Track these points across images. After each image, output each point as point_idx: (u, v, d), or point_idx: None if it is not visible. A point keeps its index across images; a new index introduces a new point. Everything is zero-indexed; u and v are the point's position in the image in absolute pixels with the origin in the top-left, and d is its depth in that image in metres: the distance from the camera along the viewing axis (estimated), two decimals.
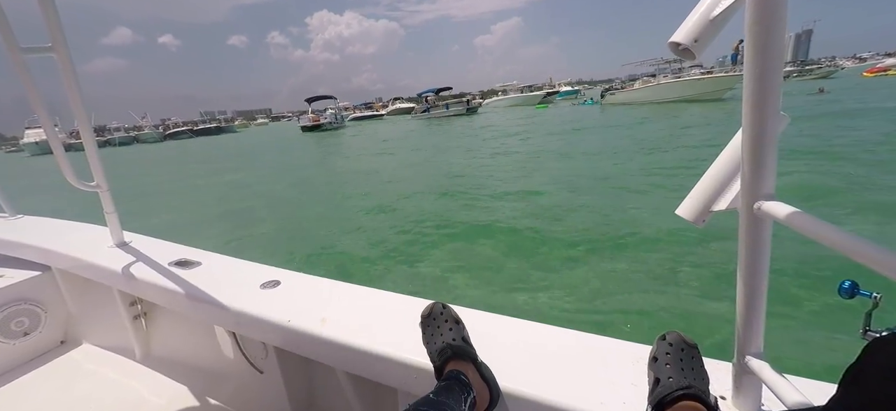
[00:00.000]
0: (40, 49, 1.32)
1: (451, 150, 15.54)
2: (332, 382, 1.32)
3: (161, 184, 14.46)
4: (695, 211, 0.68)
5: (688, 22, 0.56)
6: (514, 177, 9.03)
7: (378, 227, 6.25)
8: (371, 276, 4.47)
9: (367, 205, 7.66)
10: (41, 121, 1.39)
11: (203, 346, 1.65)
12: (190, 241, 1.79)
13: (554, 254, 4.52)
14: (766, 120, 0.53)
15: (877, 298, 0.69)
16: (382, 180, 10.56)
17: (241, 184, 12.33)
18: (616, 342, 0.93)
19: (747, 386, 0.69)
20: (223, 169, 16.83)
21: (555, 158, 11.42)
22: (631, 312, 3.18)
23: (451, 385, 0.77)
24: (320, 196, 9.79)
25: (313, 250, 5.56)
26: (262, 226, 7.11)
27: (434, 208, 6.95)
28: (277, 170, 15.51)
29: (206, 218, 8.28)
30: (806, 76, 58.76)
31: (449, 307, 0.96)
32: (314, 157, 19.18)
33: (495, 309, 1.09)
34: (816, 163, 7.32)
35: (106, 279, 1.67)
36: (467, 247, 5.07)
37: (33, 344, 1.91)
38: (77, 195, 1.73)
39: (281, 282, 1.35)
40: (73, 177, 1.50)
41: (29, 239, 1.98)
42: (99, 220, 1.87)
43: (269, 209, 8.42)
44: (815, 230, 0.49)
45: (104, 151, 18.94)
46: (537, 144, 14.63)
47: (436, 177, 10.08)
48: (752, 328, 0.65)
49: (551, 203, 6.60)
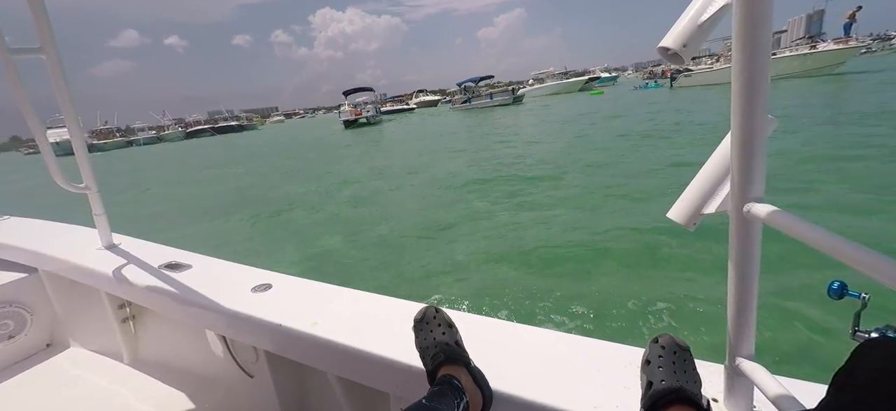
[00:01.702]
0: (29, 50, 1.37)
1: (557, 141, 12.71)
2: (323, 387, 1.34)
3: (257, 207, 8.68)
4: (685, 214, 0.69)
5: (676, 27, 0.59)
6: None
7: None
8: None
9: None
10: (28, 123, 1.42)
11: (193, 350, 1.67)
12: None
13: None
14: (755, 123, 0.55)
15: (865, 299, 0.71)
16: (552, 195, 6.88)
17: (360, 199, 8.31)
18: (609, 345, 0.95)
19: (739, 387, 0.71)
20: (306, 173, 12.76)
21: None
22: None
23: (443, 389, 0.79)
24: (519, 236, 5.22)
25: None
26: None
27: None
28: (383, 176, 10.90)
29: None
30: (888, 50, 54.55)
31: (442, 311, 0.97)
32: (399, 160, 13.94)
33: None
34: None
35: (94, 281, 1.68)
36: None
37: (18, 347, 1.92)
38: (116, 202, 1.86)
39: (272, 285, 1.36)
40: (61, 178, 1.52)
41: (15, 240, 2.00)
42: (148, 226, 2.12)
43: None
44: (803, 232, 0.51)
45: (130, 151, 18.95)
46: (689, 140, 10.54)
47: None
48: (743, 330, 0.66)
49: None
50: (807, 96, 16.57)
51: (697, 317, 3.04)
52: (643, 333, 2.90)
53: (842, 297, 0.72)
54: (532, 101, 45.41)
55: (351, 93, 43.69)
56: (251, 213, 7.75)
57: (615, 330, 2.99)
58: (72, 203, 2.00)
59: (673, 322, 2.97)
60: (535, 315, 3.29)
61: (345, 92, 43.66)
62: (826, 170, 6.10)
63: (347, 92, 43.73)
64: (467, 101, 46.69)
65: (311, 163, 15.31)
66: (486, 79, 52.01)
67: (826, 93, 17.15)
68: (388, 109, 60.48)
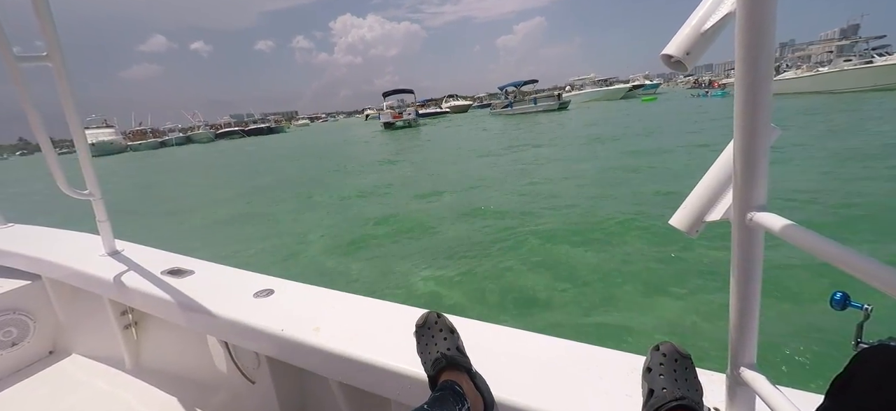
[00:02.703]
0: (36, 58, 1.45)
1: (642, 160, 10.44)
2: (324, 392, 1.38)
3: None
4: (688, 221, 0.71)
5: (679, 35, 0.61)
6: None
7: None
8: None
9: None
10: (33, 129, 1.47)
11: (195, 356, 1.73)
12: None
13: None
14: (757, 131, 0.56)
15: (868, 310, 0.73)
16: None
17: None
18: (611, 352, 0.98)
19: (741, 397, 0.73)
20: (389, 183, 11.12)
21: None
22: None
23: (444, 395, 0.81)
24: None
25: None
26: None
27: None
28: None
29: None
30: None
31: (444, 316, 1.00)
32: (464, 166, 12.93)
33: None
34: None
35: (97, 288, 1.74)
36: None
37: (21, 355, 1.98)
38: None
39: (274, 290, 1.42)
40: (65, 184, 1.58)
41: (19, 247, 2.07)
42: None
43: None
44: (806, 241, 0.52)
45: (163, 152, 20.82)
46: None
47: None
48: (745, 339, 0.68)
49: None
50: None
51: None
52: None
53: (844, 308, 0.74)
54: (577, 107, 44.54)
55: (391, 94, 44.03)
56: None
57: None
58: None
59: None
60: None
61: (384, 93, 44.11)
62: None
63: (387, 93, 44.18)
64: (509, 106, 46.49)
65: (392, 170, 13.45)
66: (530, 82, 51.49)
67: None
68: (423, 112, 60.61)
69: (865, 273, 0.45)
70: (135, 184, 18.63)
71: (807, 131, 12.66)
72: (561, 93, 48.46)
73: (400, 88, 45.70)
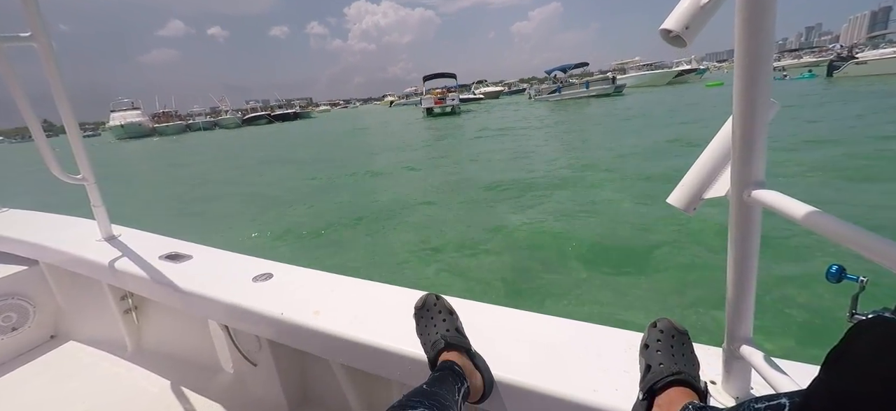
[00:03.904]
0: (19, 38, 1.48)
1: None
2: (326, 374, 1.48)
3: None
4: (685, 199, 0.76)
5: (678, 9, 0.63)
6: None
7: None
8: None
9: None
10: (22, 112, 1.51)
11: (196, 340, 1.83)
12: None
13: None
14: (757, 107, 0.59)
15: (863, 282, 0.77)
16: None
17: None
18: (609, 330, 1.05)
19: (737, 371, 0.79)
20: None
21: None
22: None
23: (444, 375, 0.87)
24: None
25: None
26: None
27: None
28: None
29: None
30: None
31: (442, 298, 1.07)
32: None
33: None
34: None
35: (95, 273, 1.82)
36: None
37: (22, 340, 2.09)
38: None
39: (273, 274, 1.49)
40: (58, 169, 1.64)
41: (16, 233, 2.16)
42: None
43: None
44: (803, 216, 0.55)
45: (194, 136, 23.10)
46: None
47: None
48: (741, 314, 0.73)
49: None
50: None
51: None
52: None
53: (840, 281, 0.78)
54: (631, 92, 42.93)
55: (431, 78, 43.53)
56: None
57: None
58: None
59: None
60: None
61: (425, 77, 43.73)
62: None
63: (428, 77, 43.67)
64: (557, 91, 44.89)
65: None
66: (581, 65, 50.05)
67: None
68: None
69: (864, 246, 0.49)
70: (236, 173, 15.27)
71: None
72: (615, 76, 47.20)
73: (441, 72, 45.18)
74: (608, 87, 41.52)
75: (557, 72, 48.63)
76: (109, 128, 66.91)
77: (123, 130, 62.36)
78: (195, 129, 69.52)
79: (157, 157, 26.72)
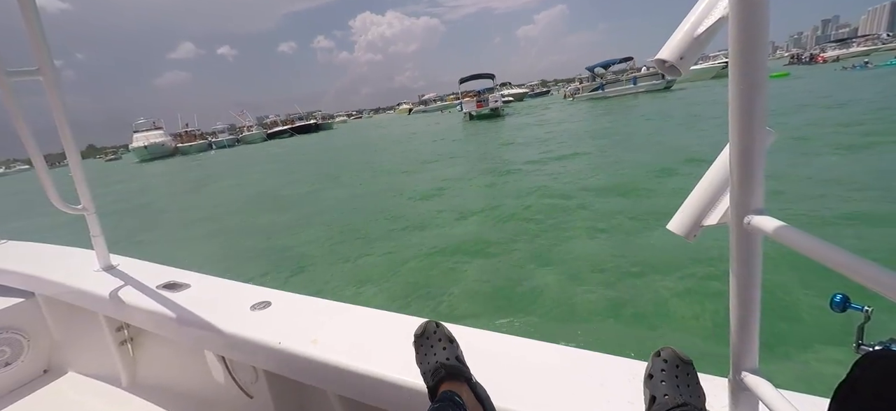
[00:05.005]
0: (27, 72, 1.59)
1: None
2: (323, 405, 1.49)
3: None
4: (685, 225, 0.79)
5: (673, 39, 0.68)
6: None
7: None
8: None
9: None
10: (25, 145, 1.61)
11: (192, 371, 1.87)
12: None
13: None
14: (753, 135, 0.62)
15: (868, 312, 0.79)
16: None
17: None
18: (612, 359, 1.07)
19: (744, 402, 0.79)
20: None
21: None
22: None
23: (444, 406, 0.88)
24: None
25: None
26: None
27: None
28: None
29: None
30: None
31: (443, 325, 1.09)
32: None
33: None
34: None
35: (91, 304, 1.89)
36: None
37: (15, 375, 2.14)
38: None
39: (271, 302, 1.54)
40: (58, 199, 1.72)
41: (12, 264, 2.24)
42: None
43: None
44: (804, 244, 0.57)
45: (221, 155, 23.56)
46: None
47: None
48: (746, 343, 0.74)
49: None
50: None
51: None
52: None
53: (845, 310, 0.79)
54: (686, 88, 41.15)
55: (468, 80, 42.83)
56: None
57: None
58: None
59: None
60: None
61: (461, 79, 42.90)
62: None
63: (464, 79, 42.91)
64: (600, 88, 44.56)
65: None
66: (626, 60, 48.91)
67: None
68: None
69: (864, 276, 0.50)
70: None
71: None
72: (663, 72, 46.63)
73: (479, 73, 44.19)
74: (659, 83, 40.55)
75: (599, 68, 47.67)
76: (133, 150, 68.43)
77: (147, 151, 63.58)
78: (220, 147, 71.24)
79: (219, 177, 24.60)
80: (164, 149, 67.28)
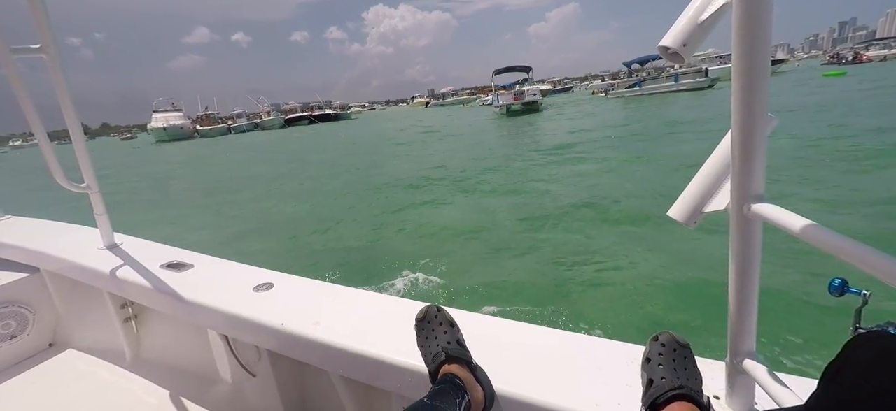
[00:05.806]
0: (29, 50, 1.64)
1: None
2: (325, 386, 1.56)
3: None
4: (686, 212, 0.83)
5: (676, 26, 0.70)
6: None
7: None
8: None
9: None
10: (29, 122, 1.66)
11: (195, 350, 1.94)
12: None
13: None
14: (755, 122, 0.65)
15: (866, 296, 0.82)
16: None
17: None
18: (611, 343, 1.12)
19: (740, 385, 0.84)
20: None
21: None
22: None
23: (445, 388, 0.93)
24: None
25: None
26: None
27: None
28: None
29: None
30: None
31: (444, 310, 1.13)
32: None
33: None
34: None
35: (96, 281, 1.95)
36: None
37: (20, 347, 2.24)
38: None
39: (274, 284, 1.60)
40: (62, 177, 1.77)
41: (17, 240, 2.34)
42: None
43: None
44: (804, 230, 0.59)
45: (243, 138, 22.36)
46: None
47: None
48: (744, 328, 0.79)
49: None
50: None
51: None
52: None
53: (843, 295, 0.83)
54: (726, 85, 40.62)
55: (502, 72, 41.67)
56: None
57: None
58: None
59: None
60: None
61: (495, 72, 41.77)
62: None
63: (498, 71, 41.91)
64: (637, 85, 43.98)
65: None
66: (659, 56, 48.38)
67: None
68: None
69: (863, 261, 0.52)
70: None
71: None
72: (708, 68, 45.33)
73: (515, 66, 43.01)
74: (703, 81, 39.97)
75: (634, 64, 47.24)
76: (151, 130, 69.59)
77: (166, 133, 64.63)
78: (239, 131, 72.65)
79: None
80: (183, 132, 68.57)
